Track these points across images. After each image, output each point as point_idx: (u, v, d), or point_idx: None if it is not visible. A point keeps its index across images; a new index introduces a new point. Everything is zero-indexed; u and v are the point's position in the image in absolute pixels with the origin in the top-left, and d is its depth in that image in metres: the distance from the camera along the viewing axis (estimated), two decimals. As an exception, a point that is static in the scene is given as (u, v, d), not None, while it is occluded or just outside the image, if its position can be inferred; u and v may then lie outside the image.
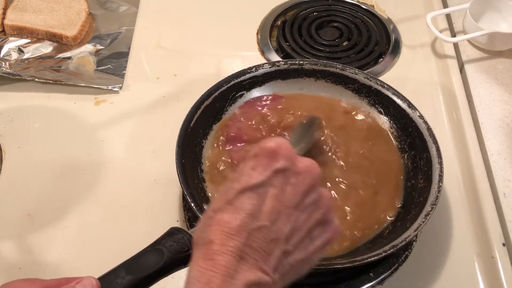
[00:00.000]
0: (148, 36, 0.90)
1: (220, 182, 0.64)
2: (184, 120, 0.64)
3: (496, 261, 0.63)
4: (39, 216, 0.67)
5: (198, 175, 0.64)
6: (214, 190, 0.63)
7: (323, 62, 0.72)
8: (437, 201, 0.58)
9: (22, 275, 0.62)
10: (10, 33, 0.87)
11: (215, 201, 0.43)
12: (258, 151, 0.43)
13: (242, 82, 0.70)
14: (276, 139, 0.43)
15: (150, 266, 0.49)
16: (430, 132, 0.65)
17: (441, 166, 0.61)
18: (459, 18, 0.91)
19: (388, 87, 0.69)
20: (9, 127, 0.77)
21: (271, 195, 0.41)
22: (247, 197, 0.41)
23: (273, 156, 0.42)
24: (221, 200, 0.42)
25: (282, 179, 0.42)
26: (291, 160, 0.43)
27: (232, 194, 0.41)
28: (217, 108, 0.69)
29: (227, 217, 0.40)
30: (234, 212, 0.40)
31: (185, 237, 0.52)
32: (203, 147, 0.66)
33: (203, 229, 0.42)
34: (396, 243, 0.55)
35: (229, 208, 0.41)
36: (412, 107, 0.67)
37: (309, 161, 0.44)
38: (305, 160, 0.44)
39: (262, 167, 0.42)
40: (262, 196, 0.41)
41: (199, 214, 0.56)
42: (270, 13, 0.93)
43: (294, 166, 0.43)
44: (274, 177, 0.42)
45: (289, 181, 0.42)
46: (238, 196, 0.41)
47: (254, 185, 0.41)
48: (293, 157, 0.43)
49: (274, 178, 0.42)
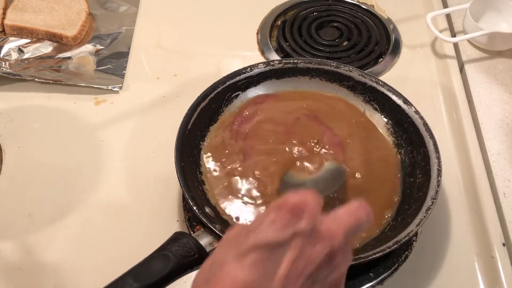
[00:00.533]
0: (148, 36, 0.90)
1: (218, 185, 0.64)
2: (181, 123, 0.64)
3: (496, 261, 0.63)
4: (39, 216, 0.67)
5: (197, 178, 0.64)
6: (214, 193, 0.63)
7: (317, 60, 0.72)
8: (437, 195, 0.59)
9: (22, 275, 0.62)
10: (10, 33, 0.87)
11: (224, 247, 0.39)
12: (282, 203, 0.38)
13: (237, 83, 0.70)
14: (303, 194, 0.39)
15: (157, 272, 0.49)
16: (427, 127, 0.65)
17: (439, 160, 0.62)
18: (459, 18, 0.91)
19: (383, 83, 0.69)
20: (9, 127, 0.77)
21: (288, 259, 0.37)
22: (261, 255, 0.36)
23: (297, 214, 0.37)
24: (231, 250, 0.37)
25: (302, 242, 0.37)
26: (315, 221, 0.38)
27: (245, 248, 0.37)
28: (213, 109, 0.69)
29: (235, 275, 0.36)
30: (245, 269, 0.36)
31: (190, 241, 0.53)
32: (201, 149, 0.67)
33: (206, 279, 0.38)
34: (399, 238, 0.56)
35: (240, 264, 0.36)
36: (408, 103, 0.67)
37: (334, 224, 0.39)
38: (330, 223, 0.39)
39: (283, 225, 0.37)
40: (278, 258, 0.37)
41: (202, 217, 0.56)
42: (270, 13, 0.93)
43: (317, 229, 0.38)
44: (294, 239, 0.37)
45: (308, 247, 0.38)
46: (252, 252, 0.36)
47: (271, 244, 0.37)
48: (318, 218, 0.39)
49: (294, 240, 0.37)
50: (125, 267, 0.54)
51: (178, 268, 0.50)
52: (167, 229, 0.66)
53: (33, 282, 0.62)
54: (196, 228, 0.65)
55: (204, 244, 0.54)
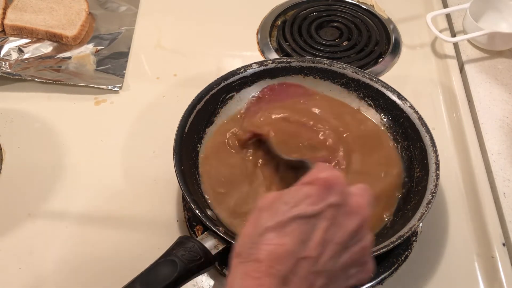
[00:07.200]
0: (148, 36, 0.90)
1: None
2: (178, 126, 0.64)
3: (496, 261, 0.63)
4: (39, 216, 0.67)
5: (196, 180, 0.64)
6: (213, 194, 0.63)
7: (310, 58, 0.72)
8: (436, 189, 0.59)
9: (22, 275, 0.62)
10: (10, 33, 0.87)
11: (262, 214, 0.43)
12: (313, 179, 0.43)
13: (232, 84, 0.70)
14: (332, 171, 0.44)
15: (165, 278, 0.49)
16: (422, 121, 0.65)
17: (436, 154, 0.62)
18: (459, 18, 0.91)
19: (377, 79, 0.70)
20: (9, 127, 0.77)
21: (322, 228, 0.41)
22: (299, 225, 0.41)
23: (328, 188, 0.42)
24: (271, 219, 0.42)
25: (334, 214, 0.42)
26: (345, 195, 0.43)
27: (285, 217, 0.41)
28: (209, 111, 0.69)
29: (277, 240, 0.41)
30: (285, 236, 0.41)
31: (196, 245, 0.52)
32: (198, 151, 0.66)
33: (250, 244, 0.42)
34: (402, 233, 0.56)
35: (281, 232, 0.41)
36: (402, 98, 0.68)
37: (361, 198, 0.44)
38: (358, 197, 0.44)
39: (317, 198, 0.42)
40: (313, 227, 0.41)
41: (205, 221, 0.56)
42: (270, 13, 0.93)
43: (347, 202, 0.43)
44: (327, 210, 0.42)
45: (340, 218, 0.42)
46: (291, 222, 0.41)
47: (308, 215, 0.41)
48: (347, 193, 0.43)
49: (326, 211, 0.42)
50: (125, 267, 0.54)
51: (185, 273, 0.50)
52: (167, 229, 0.66)
53: (33, 282, 0.62)
54: (196, 228, 0.65)
55: (209, 247, 0.54)
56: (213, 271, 0.62)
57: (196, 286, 0.61)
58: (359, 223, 0.43)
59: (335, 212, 0.42)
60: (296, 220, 0.41)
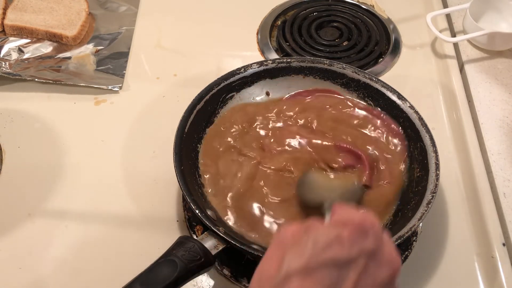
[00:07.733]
0: (148, 36, 0.90)
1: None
2: (178, 126, 0.64)
3: (496, 261, 0.63)
4: (39, 216, 0.68)
5: (196, 181, 0.64)
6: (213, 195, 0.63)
7: (310, 58, 0.72)
8: (436, 189, 0.59)
9: (22, 275, 0.62)
10: (10, 33, 0.87)
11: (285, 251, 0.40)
12: (347, 220, 0.40)
13: (232, 84, 0.70)
14: (366, 213, 0.41)
15: (165, 278, 0.49)
16: (422, 121, 0.65)
17: (436, 154, 0.62)
18: (459, 18, 0.91)
19: (377, 79, 0.70)
20: (9, 127, 0.77)
21: (352, 278, 0.38)
22: (329, 272, 0.38)
23: (364, 233, 0.39)
24: (297, 259, 0.38)
25: (366, 262, 0.39)
26: (379, 243, 0.40)
27: (314, 261, 0.38)
28: (209, 111, 0.69)
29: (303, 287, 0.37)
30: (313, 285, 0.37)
31: (196, 245, 0.52)
32: (198, 151, 0.66)
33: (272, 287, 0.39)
34: (402, 233, 0.56)
35: (308, 279, 0.38)
36: (402, 98, 0.68)
37: (393, 249, 0.41)
38: (390, 248, 0.41)
39: (350, 242, 0.39)
40: (344, 275, 0.38)
41: (205, 221, 0.56)
42: (270, 13, 0.93)
43: (380, 251, 0.40)
44: (360, 257, 0.39)
45: (372, 267, 0.39)
46: (321, 268, 0.38)
47: (340, 261, 0.38)
48: (380, 240, 0.41)
49: (359, 259, 0.39)
50: (125, 266, 0.54)
51: (185, 273, 0.50)
52: (167, 229, 0.66)
53: (33, 282, 0.62)
54: (196, 228, 0.65)
55: (209, 247, 0.54)
56: (213, 271, 0.62)
57: (196, 286, 0.61)
58: (391, 274, 0.40)
59: (368, 260, 0.39)
60: (327, 267, 0.38)
